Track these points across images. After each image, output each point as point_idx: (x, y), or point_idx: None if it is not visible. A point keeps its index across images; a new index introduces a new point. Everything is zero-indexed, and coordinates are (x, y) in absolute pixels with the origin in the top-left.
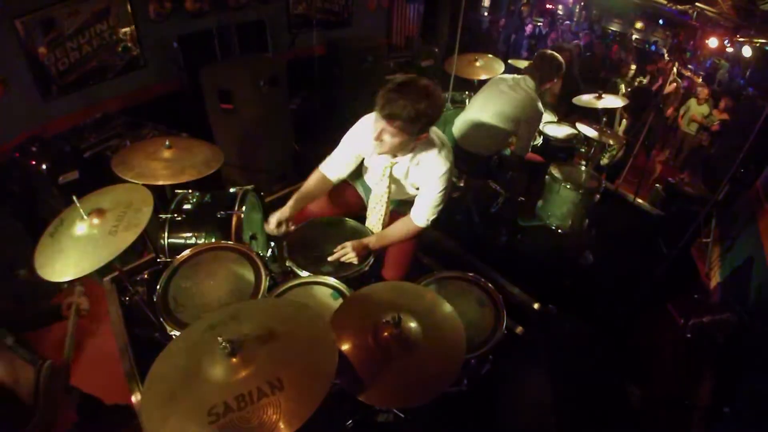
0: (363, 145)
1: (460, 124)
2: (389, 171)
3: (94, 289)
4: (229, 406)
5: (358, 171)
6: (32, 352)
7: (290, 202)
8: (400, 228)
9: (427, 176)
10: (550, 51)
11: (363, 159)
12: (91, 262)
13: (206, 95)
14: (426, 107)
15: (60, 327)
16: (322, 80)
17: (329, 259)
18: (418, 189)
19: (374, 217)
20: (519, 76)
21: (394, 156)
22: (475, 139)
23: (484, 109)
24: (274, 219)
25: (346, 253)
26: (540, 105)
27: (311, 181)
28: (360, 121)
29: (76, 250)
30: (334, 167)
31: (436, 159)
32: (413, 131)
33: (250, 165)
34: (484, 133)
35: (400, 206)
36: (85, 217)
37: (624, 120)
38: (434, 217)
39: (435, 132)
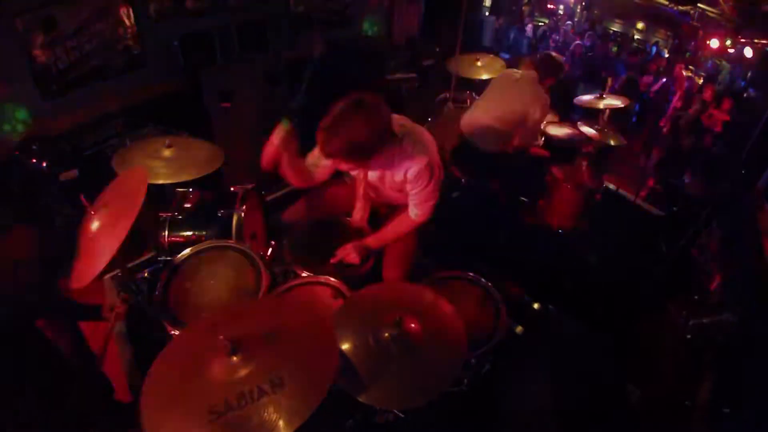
0: None
1: (471, 119)
2: (364, 175)
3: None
4: (229, 405)
5: None
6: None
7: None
8: (399, 225)
9: (404, 174)
10: (554, 53)
11: None
12: (100, 259)
13: (206, 94)
14: (365, 139)
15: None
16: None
17: (331, 261)
18: (400, 191)
19: (357, 212)
20: (520, 71)
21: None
22: (485, 134)
23: (493, 104)
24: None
25: (348, 254)
26: (544, 92)
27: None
28: None
29: (88, 252)
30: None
31: (409, 159)
32: (363, 157)
33: (251, 164)
34: (494, 128)
35: (389, 209)
36: (93, 216)
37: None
38: (431, 210)
39: (405, 127)
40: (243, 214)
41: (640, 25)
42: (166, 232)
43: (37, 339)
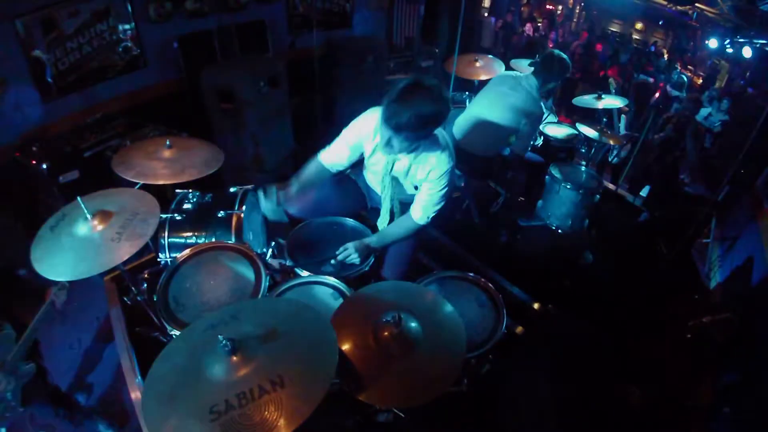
0: (365, 142)
1: (461, 124)
2: (391, 167)
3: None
4: (230, 404)
5: (362, 166)
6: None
7: (293, 189)
8: (401, 226)
9: (428, 174)
10: (558, 52)
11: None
12: (90, 267)
13: (206, 95)
14: (431, 111)
15: None
16: (322, 80)
17: (332, 262)
18: (417, 188)
19: (384, 212)
20: (522, 75)
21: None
22: (476, 140)
23: (485, 109)
24: (270, 201)
25: (349, 254)
26: (541, 104)
27: (311, 170)
28: (364, 115)
29: (75, 251)
30: (332, 158)
31: (439, 158)
32: (422, 135)
33: (251, 165)
34: (485, 134)
35: (399, 206)
36: (89, 217)
37: (623, 115)
38: (434, 214)
39: (440, 131)
40: (242, 215)
41: (639, 26)
42: (166, 233)
43: None
